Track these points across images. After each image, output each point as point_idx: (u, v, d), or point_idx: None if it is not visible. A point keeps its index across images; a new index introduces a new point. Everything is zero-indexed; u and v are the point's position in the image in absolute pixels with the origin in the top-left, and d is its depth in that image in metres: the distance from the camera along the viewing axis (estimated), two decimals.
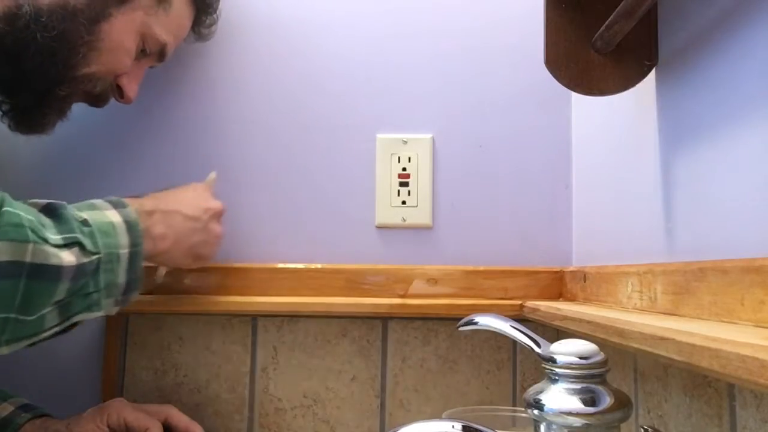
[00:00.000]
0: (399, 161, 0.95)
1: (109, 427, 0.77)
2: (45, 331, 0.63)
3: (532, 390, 0.49)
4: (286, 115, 0.97)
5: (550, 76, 0.66)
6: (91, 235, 0.65)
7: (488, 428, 0.49)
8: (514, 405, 0.90)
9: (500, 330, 0.54)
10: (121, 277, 0.68)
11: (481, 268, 0.93)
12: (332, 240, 0.94)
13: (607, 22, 0.60)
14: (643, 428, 0.53)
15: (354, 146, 0.96)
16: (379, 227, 0.95)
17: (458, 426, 0.49)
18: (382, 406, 0.92)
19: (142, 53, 0.82)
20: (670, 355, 0.41)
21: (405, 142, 0.96)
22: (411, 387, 0.92)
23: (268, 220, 0.96)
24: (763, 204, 0.45)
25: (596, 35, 0.63)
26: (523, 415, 0.74)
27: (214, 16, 0.91)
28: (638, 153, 0.68)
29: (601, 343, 0.51)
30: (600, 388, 0.47)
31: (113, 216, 0.69)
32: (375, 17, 0.98)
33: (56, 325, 0.64)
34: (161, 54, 0.84)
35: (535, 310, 0.81)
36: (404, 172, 0.95)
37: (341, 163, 0.96)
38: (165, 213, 0.77)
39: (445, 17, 0.97)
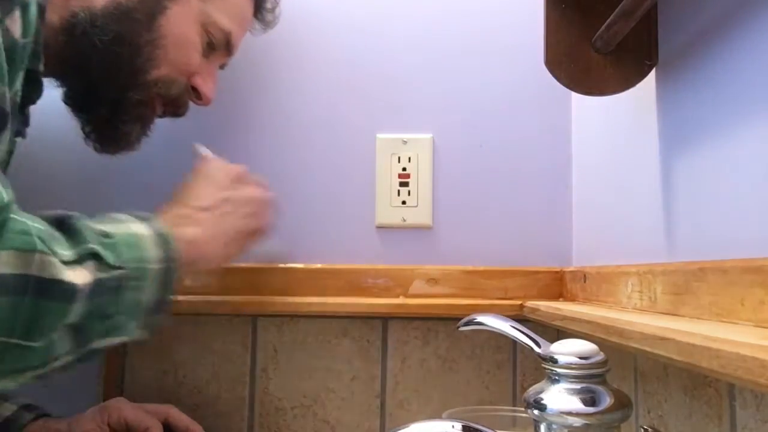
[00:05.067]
0: (399, 161, 0.95)
1: (109, 426, 0.77)
2: (56, 359, 0.54)
3: (532, 390, 0.49)
4: (285, 114, 0.97)
5: (550, 76, 0.66)
6: (113, 248, 0.57)
7: (488, 428, 0.49)
8: (514, 405, 0.90)
9: (500, 330, 0.54)
10: (150, 296, 0.60)
11: (481, 268, 0.93)
12: (332, 240, 0.94)
13: (607, 22, 0.60)
14: (643, 428, 0.53)
15: (354, 146, 0.96)
16: (379, 227, 0.95)
17: (458, 426, 0.49)
18: (382, 406, 0.92)
19: (209, 47, 0.78)
20: (670, 355, 0.41)
21: (405, 142, 0.96)
22: (411, 387, 0.92)
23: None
24: (763, 204, 0.45)
25: (596, 35, 0.63)
26: (523, 415, 0.74)
27: None
28: (638, 153, 0.68)
29: (601, 343, 0.51)
30: (600, 388, 0.47)
31: (139, 228, 0.62)
32: (375, 17, 0.98)
33: (70, 353, 0.55)
34: (228, 45, 0.80)
35: (535, 310, 0.81)
36: (404, 172, 0.95)
37: (341, 163, 0.96)
38: (185, 216, 0.69)
39: (444, 17, 0.97)
